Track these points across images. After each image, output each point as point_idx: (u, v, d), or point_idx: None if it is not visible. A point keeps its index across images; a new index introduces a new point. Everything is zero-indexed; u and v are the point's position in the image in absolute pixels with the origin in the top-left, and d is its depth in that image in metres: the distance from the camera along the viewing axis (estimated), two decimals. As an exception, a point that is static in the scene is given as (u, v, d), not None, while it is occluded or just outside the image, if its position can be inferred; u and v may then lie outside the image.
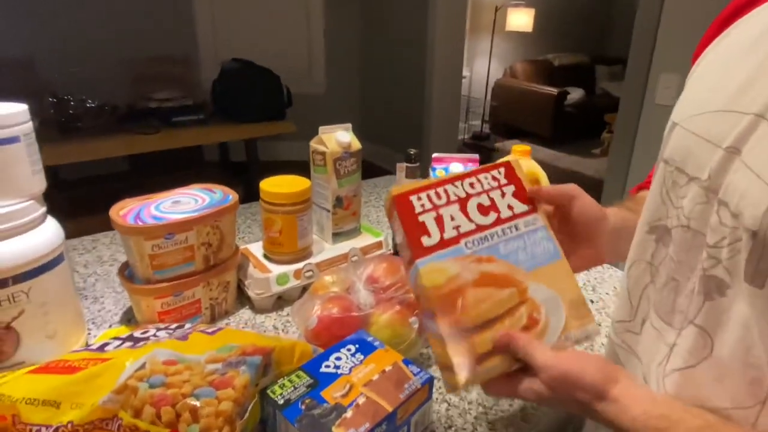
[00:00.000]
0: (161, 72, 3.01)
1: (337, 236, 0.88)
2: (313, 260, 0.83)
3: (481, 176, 0.52)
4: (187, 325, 0.63)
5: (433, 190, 0.50)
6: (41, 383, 0.50)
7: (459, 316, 0.45)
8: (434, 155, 0.90)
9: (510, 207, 0.51)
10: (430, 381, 0.55)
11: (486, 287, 0.47)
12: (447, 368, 0.45)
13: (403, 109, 3.60)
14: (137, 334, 0.60)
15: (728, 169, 0.38)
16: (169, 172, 3.16)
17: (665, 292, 0.45)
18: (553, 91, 4.49)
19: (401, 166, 0.88)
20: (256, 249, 0.86)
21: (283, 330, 0.75)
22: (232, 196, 0.75)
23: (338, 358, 0.57)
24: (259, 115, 2.80)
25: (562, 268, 0.50)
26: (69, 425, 0.47)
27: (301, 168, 0.88)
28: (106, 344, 0.57)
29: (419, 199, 0.50)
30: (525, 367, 0.45)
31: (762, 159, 0.36)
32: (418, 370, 0.56)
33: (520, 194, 0.52)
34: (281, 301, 0.81)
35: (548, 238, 0.51)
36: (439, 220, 0.49)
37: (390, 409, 0.51)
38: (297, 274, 0.80)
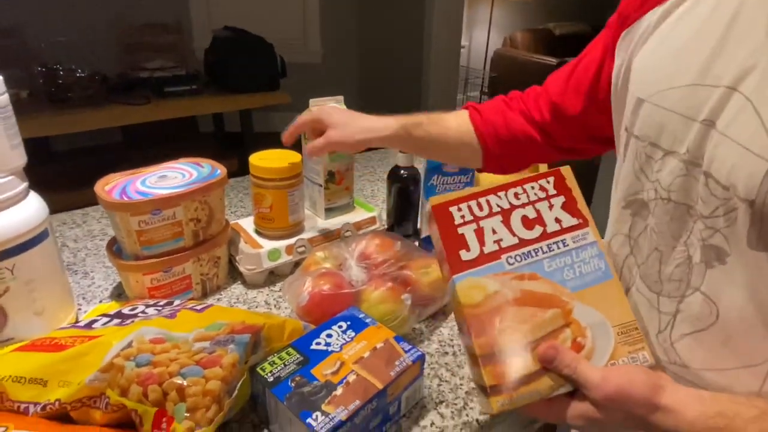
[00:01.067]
0: (152, 40, 2.93)
1: (330, 211, 0.87)
2: (305, 235, 0.81)
3: (528, 186, 0.48)
4: (177, 302, 0.62)
5: (475, 201, 0.47)
6: (28, 361, 0.49)
7: (496, 336, 0.42)
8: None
9: (558, 220, 0.47)
10: (421, 358, 0.55)
11: (527, 307, 0.43)
12: (482, 390, 0.43)
13: (400, 79, 3.54)
14: (126, 310, 0.59)
15: (706, 142, 0.41)
16: (163, 144, 3.13)
17: (650, 262, 0.47)
18: (553, 61, 4.39)
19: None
20: (248, 224, 0.85)
21: (275, 306, 0.74)
22: (221, 170, 0.74)
23: (329, 335, 0.57)
24: (253, 85, 2.75)
25: (612, 289, 0.46)
26: (56, 403, 0.46)
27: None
28: (94, 321, 0.57)
29: (459, 210, 0.47)
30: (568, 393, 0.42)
31: (745, 131, 0.37)
32: (410, 347, 0.56)
33: (570, 206, 0.48)
34: (273, 277, 0.81)
35: (599, 255, 0.47)
36: (479, 233, 0.46)
37: (380, 386, 0.50)
38: (289, 249, 0.79)
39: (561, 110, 0.64)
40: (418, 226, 0.93)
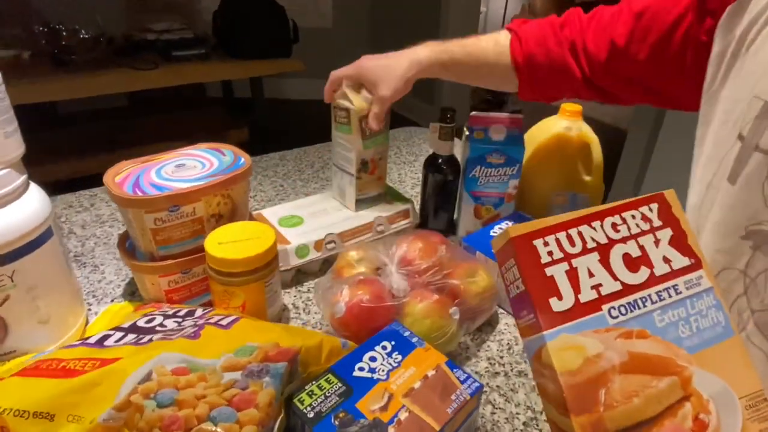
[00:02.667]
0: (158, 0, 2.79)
1: (361, 203, 0.79)
2: (334, 230, 0.74)
3: (628, 214, 0.39)
4: (198, 312, 0.55)
5: (565, 233, 0.37)
6: (32, 390, 0.43)
7: (602, 414, 0.33)
8: (472, 114, 0.78)
9: (666, 260, 0.38)
10: (479, 390, 0.48)
11: (637, 374, 0.34)
12: None
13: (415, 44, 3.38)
14: (141, 322, 0.53)
15: None
16: (170, 110, 3.03)
17: None
18: (575, 29, 4.21)
19: (434, 127, 0.77)
20: (272, 214, 0.77)
21: (304, 310, 0.67)
22: (245, 159, 0.66)
23: (373, 359, 0.50)
24: (264, 50, 2.62)
25: (735, 349, 0.37)
26: (66, 442, 0.40)
27: (310, 108, 0.79)
28: (106, 337, 0.50)
29: (546, 244, 0.37)
30: None
31: None
32: (466, 376, 0.49)
33: (679, 241, 0.39)
34: (300, 275, 0.73)
35: (717, 305, 0.38)
36: (572, 276, 0.36)
37: (437, 427, 0.44)
38: (318, 245, 0.72)
39: (621, 53, 0.59)
40: (455, 216, 0.85)
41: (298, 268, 0.71)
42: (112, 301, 0.68)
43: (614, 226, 0.38)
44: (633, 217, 0.39)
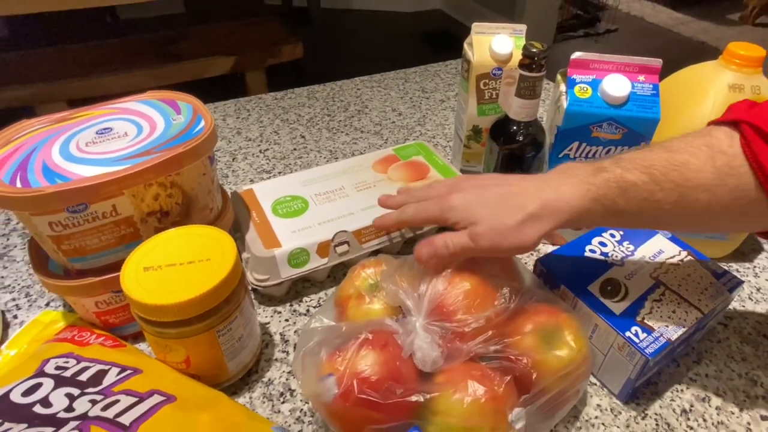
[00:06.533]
0: None
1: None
2: (349, 226, 0.51)
3: None
4: (111, 375, 0.36)
5: None
6: None
7: None
8: (574, 56, 0.49)
9: None
10: None
11: None
12: None
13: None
14: (18, 393, 0.34)
15: None
16: (227, 18, 2.82)
17: None
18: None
19: (509, 74, 0.49)
20: (266, 192, 0.55)
21: (297, 347, 0.47)
22: (206, 120, 0.42)
23: None
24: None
25: None
26: None
27: (375, 21, 0.55)
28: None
29: None
30: None
31: None
32: None
33: None
34: (300, 285, 0.52)
35: None
36: None
37: None
38: (323, 248, 0.50)
39: None
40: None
41: (295, 279, 0.50)
42: (47, 305, 0.50)
43: None
44: None
